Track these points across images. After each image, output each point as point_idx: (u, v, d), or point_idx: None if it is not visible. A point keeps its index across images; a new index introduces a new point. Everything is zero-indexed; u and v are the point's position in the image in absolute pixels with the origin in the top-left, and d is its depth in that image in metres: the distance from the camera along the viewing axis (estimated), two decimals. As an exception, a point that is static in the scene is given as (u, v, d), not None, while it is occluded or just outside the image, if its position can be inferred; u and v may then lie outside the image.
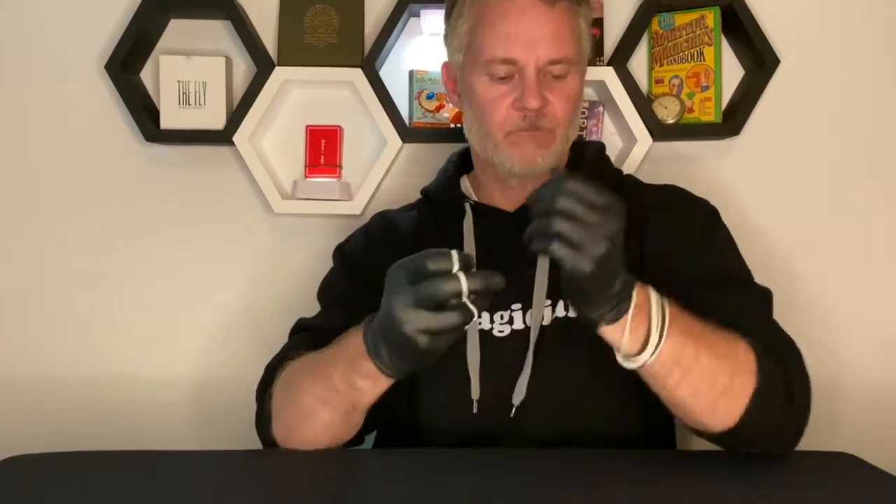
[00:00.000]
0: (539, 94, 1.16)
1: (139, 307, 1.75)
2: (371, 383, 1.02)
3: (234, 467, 1.09)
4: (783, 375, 1.05)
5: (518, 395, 1.16)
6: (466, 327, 0.94)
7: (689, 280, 1.13)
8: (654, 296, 0.98)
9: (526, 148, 1.19)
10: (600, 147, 1.37)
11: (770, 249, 1.67)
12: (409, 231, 1.31)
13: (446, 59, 1.30)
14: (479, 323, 1.20)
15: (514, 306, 1.19)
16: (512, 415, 1.16)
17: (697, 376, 0.99)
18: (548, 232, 0.89)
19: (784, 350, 1.09)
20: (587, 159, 1.31)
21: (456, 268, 0.88)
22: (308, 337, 1.22)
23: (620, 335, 0.97)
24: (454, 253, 0.89)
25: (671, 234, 1.21)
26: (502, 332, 1.20)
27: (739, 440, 1.05)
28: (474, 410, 1.17)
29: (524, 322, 1.19)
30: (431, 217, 1.31)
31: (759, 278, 1.24)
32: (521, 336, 1.18)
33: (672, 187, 1.32)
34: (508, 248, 0.98)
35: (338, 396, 1.05)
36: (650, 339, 0.96)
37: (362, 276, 1.28)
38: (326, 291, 1.33)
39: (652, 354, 0.97)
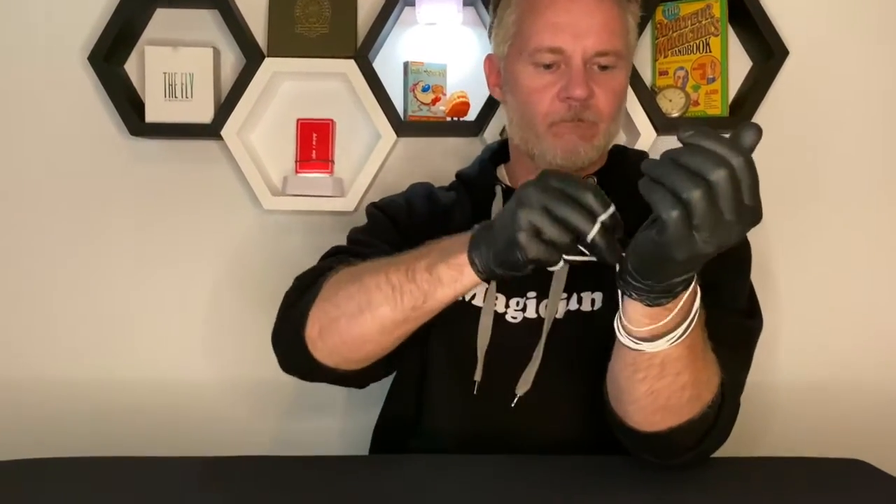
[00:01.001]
0: (586, 83, 1.16)
1: (121, 308, 1.74)
2: (454, 276, 0.97)
3: (227, 473, 1.06)
4: (735, 385, 1.06)
5: (523, 386, 1.16)
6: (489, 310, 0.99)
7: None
8: (698, 289, 0.92)
9: (569, 139, 1.18)
10: (643, 155, 1.35)
11: (776, 246, 1.66)
12: (448, 207, 1.31)
13: (490, 52, 1.31)
14: (496, 304, 1.19)
15: (529, 294, 1.19)
16: (513, 404, 1.15)
17: (697, 368, 0.96)
18: (695, 200, 0.74)
19: (730, 353, 1.05)
20: (629, 166, 1.28)
21: (602, 217, 0.83)
22: (355, 252, 1.19)
23: (662, 310, 0.89)
24: (612, 207, 0.83)
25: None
26: (515, 318, 1.20)
27: (663, 446, 1.02)
28: (474, 391, 1.17)
29: (537, 312, 1.19)
30: (466, 197, 1.31)
31: (766, 275, 1.19)
32: (533, 326, 1.17)
33: None
34: None
35: (411, 288, 1.00)
36: (687, 320, 0.90)
37: (404, 229, 1.26)
38: (371, 224, 1.30)
39: (682, 335, 0.90)
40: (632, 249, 0.84)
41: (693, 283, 0.88)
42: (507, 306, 1.21)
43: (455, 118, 1.65)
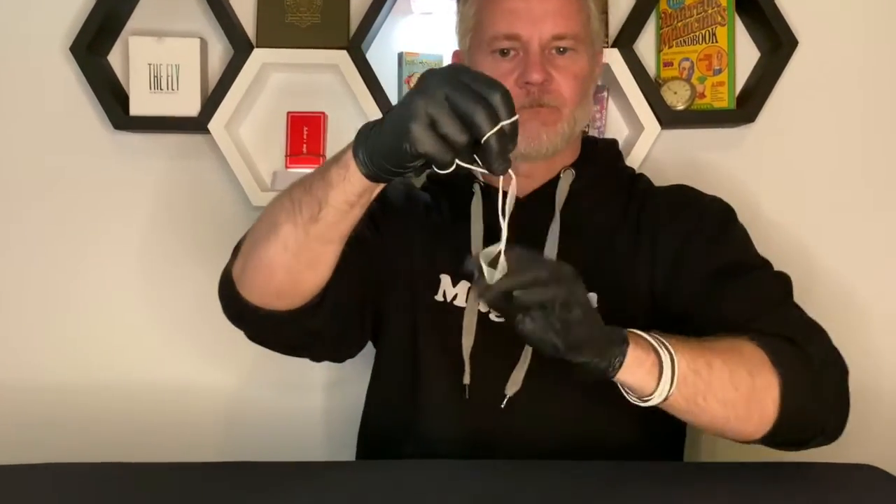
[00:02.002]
0: (542, 67, 1.18)
1: (102, 308, 1.71)
2: (341, 174, 0.95)
3: (215, 480, 1.04)
4: (804, 362, 1.05)
5: (512, 387, 1.16)
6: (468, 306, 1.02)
7: (703, 272, 1.15)
8: (640, 332, 0.99)
9: (530, 126, 1.17)
10: (612, 144, 1.37)
11: (788, 245, 1.63)
12: (424, 207, 1.32)
13: (456, 47, 1.32)
14: (479, 303, 1.19)
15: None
16: (503, 405, 1.16)
17: (719, 384, 0.99)
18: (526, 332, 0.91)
19: (802, 334, 1.08)
20: (599, 157, 1.31)
21: (503, 119, 0.83)
22: None
23: (633, 374, 0.96)
24: (516, 116, 0.84)
25: (683, 233, 1.21)
26: (500, 318, 1.19)
27: (785, 439, 1.05)
28: (466, 396, 1.18)
29: None
30: (442, 198, 1.31)
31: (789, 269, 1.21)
32: None
33: (683, 188, 1.31)
34: (517, 233, 0.95)
35: (308, 200, 0.99)
36: (663, 364, 0.96)
37: (375, 220, 1.25)
38: None
39: (672, 377, 0.96)
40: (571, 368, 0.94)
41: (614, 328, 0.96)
42: None
43: None
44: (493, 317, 1.19)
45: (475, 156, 0.85)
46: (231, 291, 1.11)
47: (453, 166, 0.86)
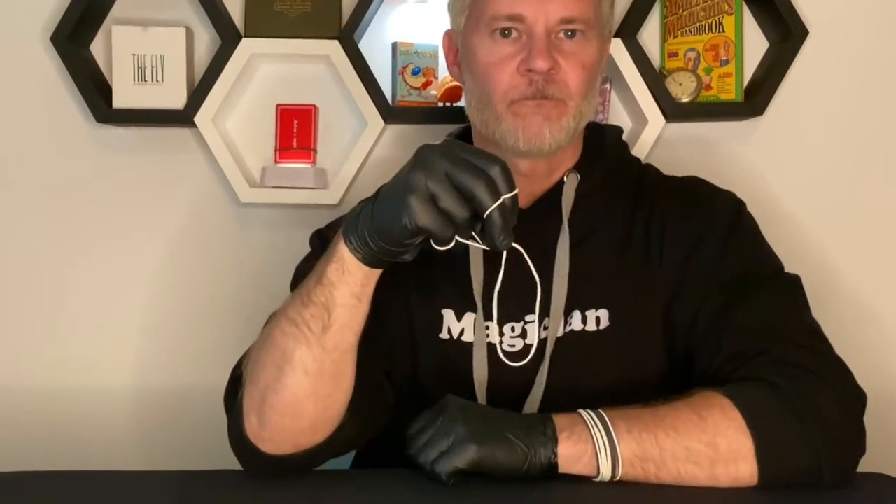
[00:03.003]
0: (548, 53, 1.10)
1: (88, 308, 1.69)
2: (339, 267, 0.93)
3: (193, 491, 1.01)
4: (794, 408, 0.98)
5: None
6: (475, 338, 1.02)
7: (709, 283, 1.11)
8: (583, 413, 0.97)
9: (532, 120, 1.11)
10: (619, 132, 1.31)
11: (799, 243, 1.62)
12: None
13: (449, 27, 1.26)
14: (488, 335, 1.15)
15: (527, 318, 1.14)
16: None
17: (672, 464, 0.95)
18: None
19: (803, 370, 1.00)
20: (607, 147, 1.25)
21: (505, 195, 0.84)
22: None
23: (572, 466, 0.94)
24: (516, 190, 0.85)
25: (692, 233, 1.16)
26: (513, 346, 1.14)
27: (778, 486, 0.98)
28: None
29: (538, 336, 1.13)
30: None
31: (802, 267, 1.18)
32: (531, 350, 1.13)
33: (694, 180, 1.26)
34: (524, 246, 0.94)
35: (312, 311, 0.95)
36: (599, 453, 0.94)
37: None
38: (298, 280, 1.23)
39: (615, 465, 0.94)
40: None
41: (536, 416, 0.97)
42: (501, 335, 1.14)
43: (448, 104, 1.60)
44: (506, 346, 1.15)
45: (473, 232, 0.87)
46: (253, 454, 1.00)
47: (452, 243, 0.86)
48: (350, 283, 0.93)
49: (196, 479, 1.04)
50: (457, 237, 0.86)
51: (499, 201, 0.83)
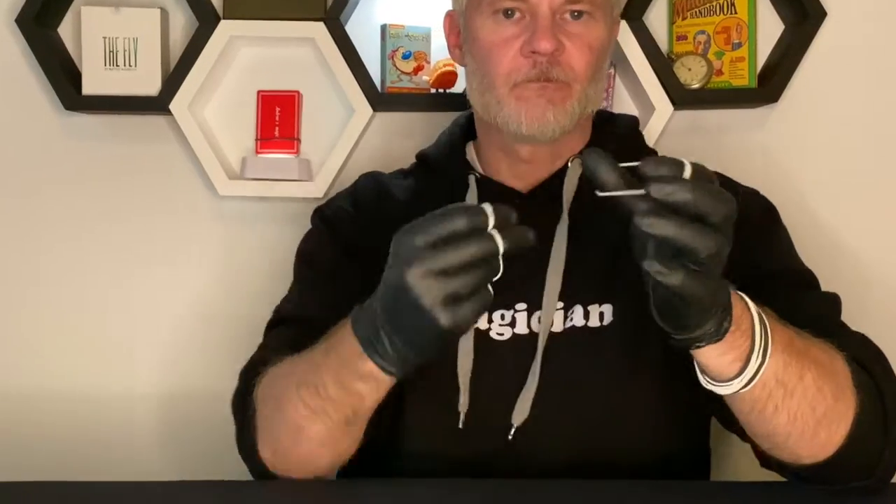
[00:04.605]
0: (552, 35, 1.09)
1: (53, 308, 1.66)
2: (372, 386, 0.94)
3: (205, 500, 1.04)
4: (878, 395, 0.99)
5: (519, 415, 1.10)
6: None
7: (749, 281, 1.05)
8: (750, 304, 0.90)
9: (535, 103, 1.11)
10: (633, 122, 1.30)
11: (820, 239, 1.56)
12: (401, 200, 1.26)
13: (450, 7, 1.26)
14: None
15: (518, 306, 1.14)
16: (510, 437, 1.10)
17: (799, 399, 0.93)
18: (685, 249, 0.77)
19: (874, 364, 1.02)
20: (618, 136, 1.25)
21: (491, 224, 0.81)
22: (290, 333, 1.16)
23: (718, 356, 0.89)
24: (487, 207, 0.81)
25: None
26: (502, 335, 1.14)
27: (830, 474, 0.98)
28: (460, 425, 1.12)
29: (528, 326, 1.13)
30: (428, 188, 1.26)
31: (834, 253, 1.25)
32: (524, 342, 1.13)
33: (718, 176, 1.22)
34: None
35: (333, 406, 0.98)
36: (752, 357, 0.88)
37: (350, 246, 1.22)
38: (307, 261, 1.27)
39: (755, 375, 0.89)
40: (659, 318, 0.86)
41: (726, 285, 0.87)
42: (490, 321, 1.14)
43: (441, 90, 1.57)
44: (494, 334, 1.13)
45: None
46: (263, 474, 1.08)
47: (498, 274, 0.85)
48: (383, 392, 0.96)
49: (194, 490, 1.06)
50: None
51: (499, 239, 0.80)
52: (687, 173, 0.76)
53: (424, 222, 0.83)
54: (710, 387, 0.92)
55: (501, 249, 0.80)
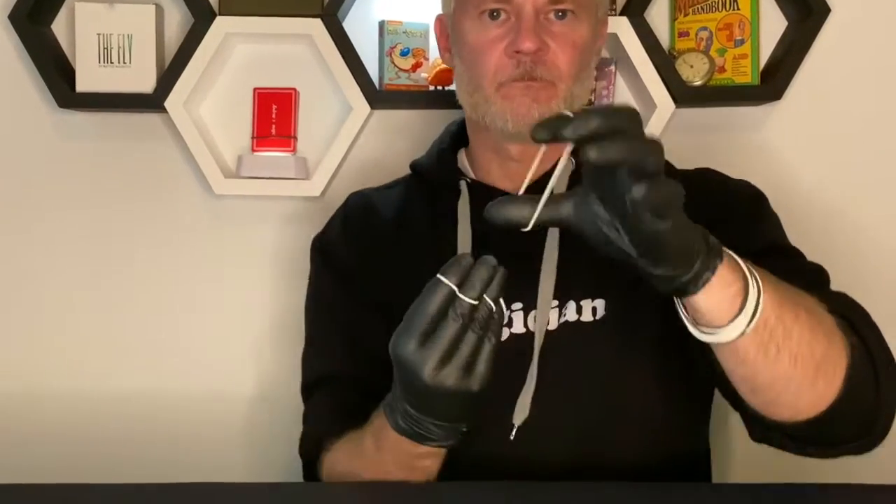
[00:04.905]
0: (535, 34, 1.12)
1: (47, 308, 1.66)
2: (435, 456, 1.02)
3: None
4: (864, 347, 0.99)
5: (520, 415, 1.11)
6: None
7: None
8: (728, 251, 0.88)
9: (520, 101, 1.13)
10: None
11: (823, 236, 1.54)
12: (390, 214, 1.28)
13: (440, 10, 1.29)
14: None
15: (514, 306, 1.15)
16: (512, 437, 1.11)
17: (798, 339, 0.91)
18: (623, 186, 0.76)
19: (857, 316, 1.02)
20: None
21: (454, 287, 0.86)
22: (328, 400, 1.22)
23: (720, 290, 0.85)
24: (442, 277, 0.87)
25: (711, 219, 1.08)
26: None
27: (830, 429, 0.98)
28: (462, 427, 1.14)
29: (525, 325, 1.14)
30: (420, 197, 1.28)
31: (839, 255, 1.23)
32: (522, 342, 1.13)
33: (707, 172, 1.27)
34: (510, 236, 0.90)
35: (398, 475, 1.05)
36: (749, 290, 0.86)
37: (347, 274, 1.25)
38: (315, 306, 1.30)
39: (756, 308, 0.86)
40: (643, 268, 0.85)
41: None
42: None
43: (439, 87, 1.56)
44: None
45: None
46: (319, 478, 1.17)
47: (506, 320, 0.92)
48: (444, 452, 1.01)
49: (208, 493, 1.04)
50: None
51: (445, 280, 0.85)
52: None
53: (407, 324, 0.88)
54: (712, 338, 0.89)
55: (449, 283, 0.85)
